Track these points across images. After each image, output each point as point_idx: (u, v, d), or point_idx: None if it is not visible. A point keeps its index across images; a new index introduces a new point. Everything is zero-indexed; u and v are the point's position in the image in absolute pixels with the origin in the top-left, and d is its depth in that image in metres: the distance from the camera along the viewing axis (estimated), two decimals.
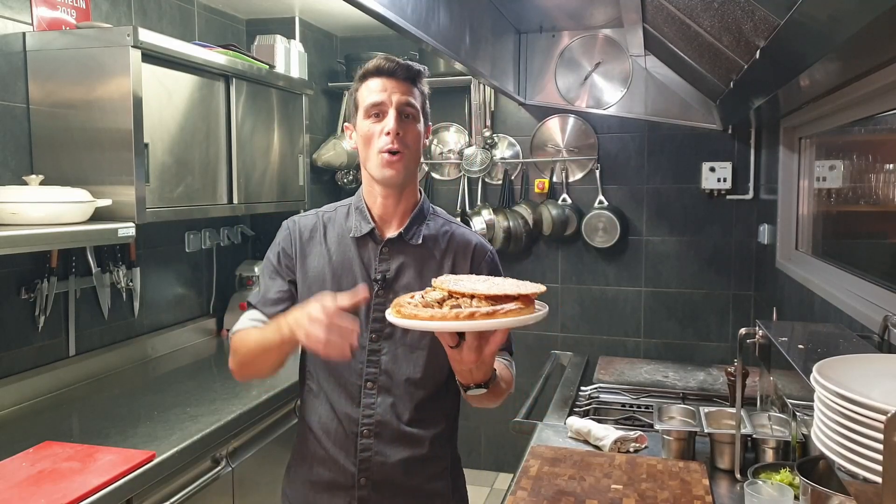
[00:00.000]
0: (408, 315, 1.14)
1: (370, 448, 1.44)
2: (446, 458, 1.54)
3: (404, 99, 1.41)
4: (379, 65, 1.42)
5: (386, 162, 1.40)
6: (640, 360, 3.28)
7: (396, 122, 1.39)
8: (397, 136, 1.39)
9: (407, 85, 1.42)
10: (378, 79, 1.42)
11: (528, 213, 3.79)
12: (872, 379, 0.98)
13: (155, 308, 2.92)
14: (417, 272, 1.46)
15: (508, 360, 1.52)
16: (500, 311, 1.10)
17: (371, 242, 1.48)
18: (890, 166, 2.04)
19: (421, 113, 1.45)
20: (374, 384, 1.44)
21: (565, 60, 3.78)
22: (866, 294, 1.99)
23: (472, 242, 1.52)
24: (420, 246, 1.48)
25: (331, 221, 1.52)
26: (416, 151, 1.44)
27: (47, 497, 1.59)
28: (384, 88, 1.41)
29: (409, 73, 1.43)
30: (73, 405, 2.30)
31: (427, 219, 1.52)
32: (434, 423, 1.49)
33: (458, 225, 1.56)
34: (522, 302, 1.14)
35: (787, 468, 1.69)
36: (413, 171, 1.46)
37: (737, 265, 3.66)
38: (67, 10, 2.35)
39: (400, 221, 1.49)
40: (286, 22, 3.44)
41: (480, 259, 1.51)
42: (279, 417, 2.52)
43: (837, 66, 1.38)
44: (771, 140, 3.29)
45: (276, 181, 3.04)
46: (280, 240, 1.55)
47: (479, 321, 1.09)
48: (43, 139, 2.23)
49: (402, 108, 1.41)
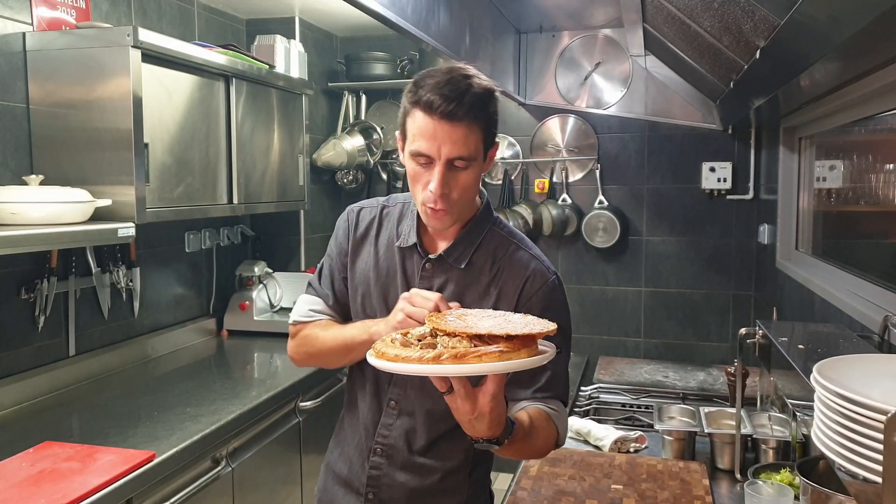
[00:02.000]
0: (377, 353, 1.02)
1: (380, 468, 1.39)
2: (462, 492, 1.40)
3: (455, 153, 1.19)
4: (432, 102, 1.17)
5: (429, 215, 1.26)
6: (640, 360, 3.29)
7: (440, 181, 1.20)
8: (442, 196, 1.22)
9: (463, 129, 1.18)
10: (430, 120, 1.18)
11: (528, 213, 3.79)
12: (872, 379, 0.98)
13: (155, 308, 2.92)
14: (458, 296, 1.31)
15: (555, 410, 1.30)
16: (472, 354, 0.95)
17: (416, 256, 1.35)
18: (890, 166, 2.04)
19: (482, 149, 1.25)
20: (396, 404, 1.37)
21: (565, 60, 3.78)
22: (866, 294, 1.98)
23: (528, 269, 1.32)
24: (466, 269, 1.33)
25: (387, 218, 1.40)
26: (466, 194, 1.26)
27: (47, 497, 1.59)
28: (434, 136, 1.18)
29: (469, 112, 1.18)
30: (73, 405, 2.30)
31: (482, 236, 1.35)
32: (450, 456, 1.38)
33: (518, 245, 1.36)
34: (512, 344, 0.98)
35: (787, 468, 1.69)
36: (463, 210, 1.30)
37: (737, 265, 3.65)
38: (67, 10, 2.35)
39: (449, 237, 1.34)
40: (286, 22, 3.43)
41: (534, 289, 1.30)
42: (279, 417, 2.52)
43: (837, 66, 1.38)
44: (771, 140, 3.29)
45: (275, 181, 3.04)
46: (339, 231, 1.44)
47: (441, 365, 0.95)
48: (43, 139, 2.23)
49: (452, 161, 1.20)
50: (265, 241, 3.58)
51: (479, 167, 1.26)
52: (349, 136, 3.79)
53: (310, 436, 2.67)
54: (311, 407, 2.66)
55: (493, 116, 1.25)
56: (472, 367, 0.95)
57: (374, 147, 3.87)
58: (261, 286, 3.35)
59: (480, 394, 1.02)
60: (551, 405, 1.29)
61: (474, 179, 1.26)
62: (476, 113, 1.19)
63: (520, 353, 0.98)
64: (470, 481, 1.41)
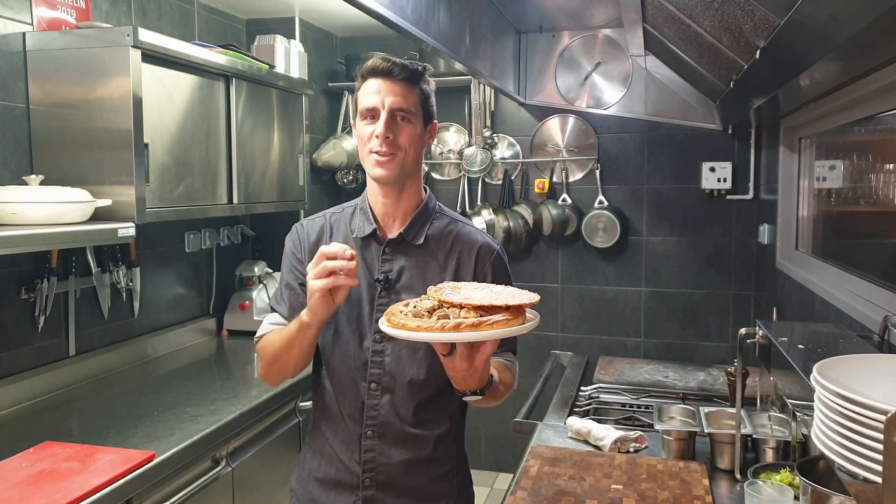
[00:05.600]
0: (396, 325, 1.16)
1: (374, 449, 1.45)
2: (452, 458, 1.53)
3: (397, 102, 1.39)
4: (375, 65, 1.42)
5: (376, 163, 1.41)
6: (640, 360, 3.28)
7: (386, 125, 1.38)
8: (387, 139, 1.38)
9: (403, 86, 1.41)
10: (374, 80, 1.42)
11: (528, 213, 3.79)
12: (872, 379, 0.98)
13: (155, 308, 2.92)
14: (420, 273, 1.45)
15: (511, 361, 1.52)
16: (485, 323, 1.13)
17: (374, 243, 1.48)
18: (890, 166, 2.04)
19: (421, 113, 1.44)
20: (377, 385, 1.44)
21: (565, 60, 3.78)
22: (866, 294, 1.98)
23: (478, 242, 1.50)
24: (422, 246, 1.47)
25: (337, 223, 1.53)
26: (412, 152, 1.42)
27: (47, 497, 1.59)
28: (378, 91, 1.40)
29: (406, 74, 1.41)
30: (73, 405, 2.30)
31: (432, 218, 1.51)
32: (438, 423, 1.48)
33: (463, 223, 1.55)
34: (511, 313, 1.16)
35: (787, 468, 1.69)
36: (410, 171, 1.45)
37: (737, 265, 3.66)
38: (67, 10, 2.35)
39: (402, 222, 1.48)
40: (286, 22, 3.43)
41: (486, 259, 1.48)
42: (279, 417, 2.53)
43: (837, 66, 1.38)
44: (771, 140, 3.29)
45: (275, 181, 3.04)
46: (290, 245, 1.55)
47: (463, 333, 1.12)
48: (43, 139, 2.23)
49: (394, 111, 1.40)
50: (265, 241, 3.58)
51: (420, 130, 1.44)
52: (349, 136, 3.79)
53: None
54: (311, 407, 2.66)
55: (427, 90, 1.46)
56: (488, 333, 1.13)
57: None
58: (261, 286, 3.35)
59: (478, 354, 1.20)
60: (507, 357, 1.51)
61: (416, 136, 1.43)
62: (411, 76, 1.42)
63: (518, 320, 1.16)
64: (455, 447, 1.54)
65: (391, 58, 1.43)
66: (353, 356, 1.45)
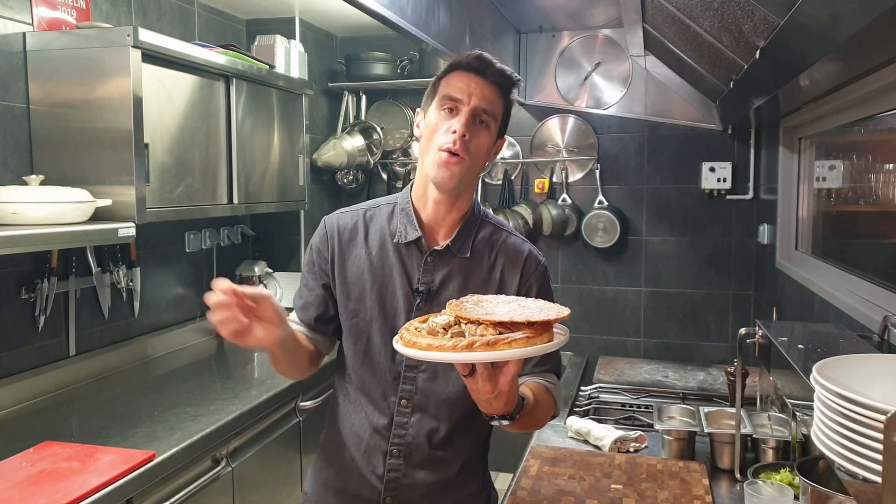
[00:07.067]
0: (407, 342, 1.07)
1: (398, 469, 1.37)
2: (478, 479, 1.46)
3: (483, 104, 1.29)
4: (470, 60, 1.30)
5: (443, 162, 1.28)
6: (640, 360, 3.29)
7: (466, 124, 1.27)
8: (463, 137, 1.27)
9: (493, 89, 1.31)
10: (465, 73, 1.30)
11: (528, 213, 3.79)
12: (872, 379, 0.98)
13: (155, 308, 2.92)
14: (463, 284, 1.35)
15: (553, 383, 1.37)
16: (502, 342, 1.01)
17: (416, 250, 1.36)
18: (890, 166, 2.04)
19: (497, 123, 1.34)
20: (408, 402, 1.36)
21: (565, 60, 3.78)
22: (866, 294, 1.98)
23: (524, 253, 1.40)
24: (468, 258, 1.37)
25: (373, 220, 1.40)
26: (478, 161, 1.32)
27: (47, 497, 1.59)
28: (468, 85, 1.29)
29: (500, 78, 1.31)
30: (73, 405, 2.30)
31: (478, 227, 1.40)
32: (466, 445, 1.41)
33: (508, 232, 1.44)
34: (535, 329, 1.04)
35: (787, 468, 1.69)
36: (471, 181, 1.35)
37: (737, 265, 3.66)
38: (67, 10, 2.35)
39: (449, 230, 1.37)
40: (286, 22, 3.43)
41: (531, 271, 1.39)
42: (279, 417, 2.53)
43: (837, 66, 1.39)
44: (771, 140, 3.29)
45: (276, 181, 3.04)
46: (316, 240, 1.42)
47: (477, 353, 1.01)
48: (43, 139, 2.23)
49: (478, 111, 1.29)
50: (265, 241, 3.58)
51: (492, 141, 1.34)
52: (349, 137, 3.79)
53: (310, 436, 2.67)
54: (311, 407, 2.66)
55: (512, 102, 1.36)
56: (505, 352, 1.01)
57: (374, 147, 3.87)
58: (261, 286, 3.34)
59: (501, 375, 1.06)
60: (548, 378, 1.37)
61: (487, 147, 1.33)
62: (503, 83, 1.32)
63: (542, 338, 1.04)
64: (481, 469, 1.47)
65: (488, 56, 1.31)
66: (384, 368, 1.36)
